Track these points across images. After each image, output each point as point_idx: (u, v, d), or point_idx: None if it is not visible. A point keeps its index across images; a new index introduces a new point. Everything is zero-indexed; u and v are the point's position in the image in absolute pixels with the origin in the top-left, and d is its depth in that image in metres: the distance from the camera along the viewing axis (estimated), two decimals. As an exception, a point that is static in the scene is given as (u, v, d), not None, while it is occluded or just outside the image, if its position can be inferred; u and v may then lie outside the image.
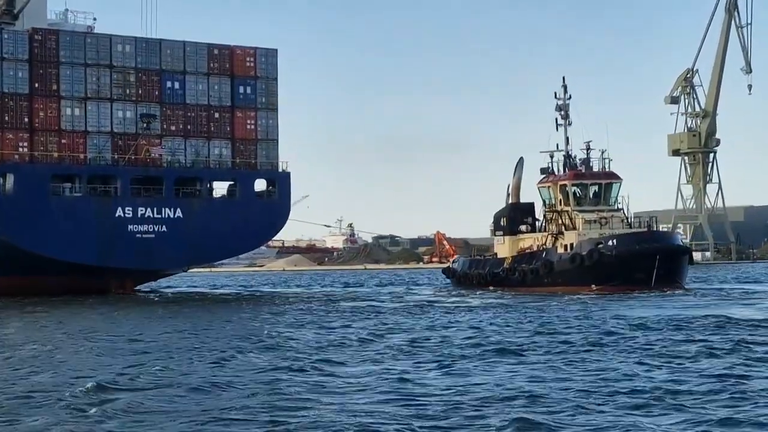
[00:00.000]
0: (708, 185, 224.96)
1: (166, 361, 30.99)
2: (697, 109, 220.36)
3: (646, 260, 73.05)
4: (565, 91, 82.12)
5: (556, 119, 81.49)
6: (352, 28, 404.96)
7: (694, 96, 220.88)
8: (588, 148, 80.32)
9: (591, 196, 79.84)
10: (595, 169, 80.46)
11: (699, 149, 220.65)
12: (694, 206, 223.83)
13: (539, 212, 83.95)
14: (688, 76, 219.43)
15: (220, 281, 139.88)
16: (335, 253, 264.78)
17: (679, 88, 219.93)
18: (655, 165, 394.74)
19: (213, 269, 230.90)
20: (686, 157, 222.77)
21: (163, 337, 39.93)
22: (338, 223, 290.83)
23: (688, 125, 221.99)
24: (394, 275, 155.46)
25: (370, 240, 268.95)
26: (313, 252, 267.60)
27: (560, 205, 79.80)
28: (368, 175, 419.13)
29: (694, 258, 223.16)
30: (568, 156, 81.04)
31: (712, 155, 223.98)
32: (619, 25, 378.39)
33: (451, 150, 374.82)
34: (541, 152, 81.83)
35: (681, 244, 79.05)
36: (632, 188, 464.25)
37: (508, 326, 43.32)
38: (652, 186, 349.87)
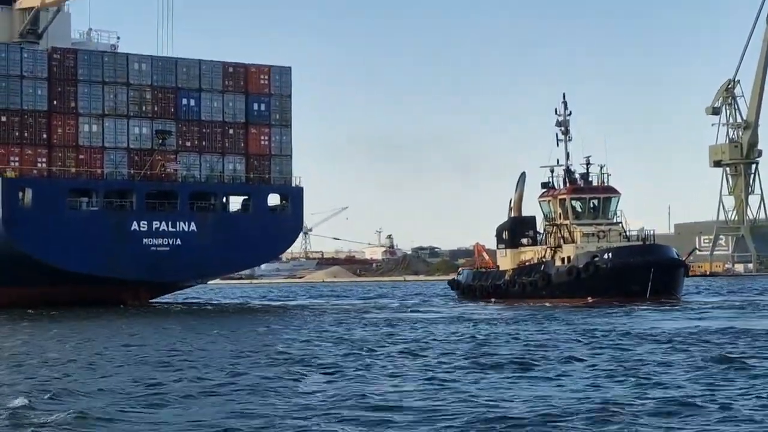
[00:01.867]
0: (750, 196, 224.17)
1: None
2: (739, 119, 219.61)
3: (641, 273, 75.24)
4: (566, 108, 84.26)
5: (557, 135, 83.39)
6: (364, 45, 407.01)
7: (736, 107, 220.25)
8: (588, 163, 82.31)
9: (590, 209, 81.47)
10: (595, 183, 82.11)
11: (741, 160, 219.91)
12: (736, 217, 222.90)
13: (540, 226, 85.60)
14: (730, 86, 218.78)
15: (258, 292, 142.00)
16: (374, 265, 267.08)
17: (721, 98, 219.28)
18: (697, 176, 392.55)
19: (253, 281, 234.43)
20: (728, 168, 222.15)
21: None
22: (378, 235, 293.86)
23: (730, 136, 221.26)
24: (425, 287, 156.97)
25: (409, 251, 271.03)
26: (353, 263, 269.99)
27: (560, 218, 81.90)
28: (404, 187, 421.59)
29: (737, 269, 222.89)
30: (568, 171, 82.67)
31: (754, 166, 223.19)
32: (653, 41, 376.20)
33: (464, 165, 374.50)
34: (541, 167, 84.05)
35: (676, 257, 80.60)
36: (673, 200, 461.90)
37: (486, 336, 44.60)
38: (695, 197, 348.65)
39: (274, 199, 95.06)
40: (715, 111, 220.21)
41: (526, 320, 58.19)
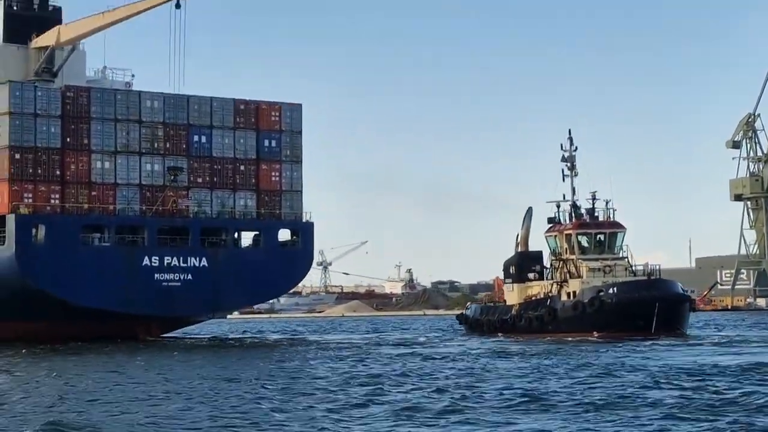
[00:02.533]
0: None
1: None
2: (760, 153, 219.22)
3: (646, 307, 75.90)
4: (571, 143, 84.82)
5: (563, 170, 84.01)
6: (373, 84, 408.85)
7: (756, 140, 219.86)
8: (593, 199, 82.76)
9: (596, 244, 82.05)
10: (601, 218, 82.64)
11: (761, 194, 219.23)
12: (758, 251, 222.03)
13: (547, 261, 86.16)
14: (750, 120, 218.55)
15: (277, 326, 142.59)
16: (394, 299, 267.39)
17: (741, 132, 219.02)
18: (718, 210, 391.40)
19: (272, 315, 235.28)
20: (749, 202, 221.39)
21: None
22: (397, 269, 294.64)
23: (751, 170, 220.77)
24: (443, 320, 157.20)
25: (428, 286, 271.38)
26: (372, 298, 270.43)
27: (566, 253, 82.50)
28: (421, 222, 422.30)
29: (759, 303, 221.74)
30: (574, 206, 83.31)
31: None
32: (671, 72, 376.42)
33: (477, 199, 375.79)
34: (547, 202, 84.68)
35: (681, 291, 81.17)
36: (694, 234, 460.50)
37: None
38: (716, 231, 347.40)
39: (284, 235, 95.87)
40: (735, 145, 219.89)
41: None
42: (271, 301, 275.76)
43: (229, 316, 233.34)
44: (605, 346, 65.50)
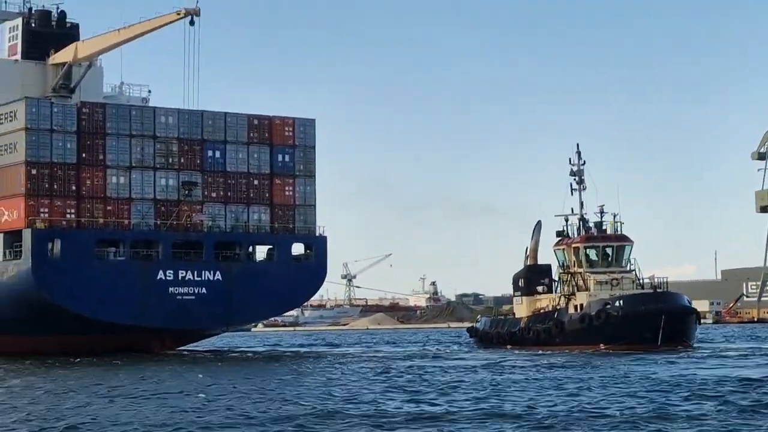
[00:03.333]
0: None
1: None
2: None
3: (652, 320, 76.74)
4: (579, 157, 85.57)
5: (571, 184, 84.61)
6: (385, 98, 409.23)
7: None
8: (601, 212, 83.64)
9: (603, 258, 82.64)
10: (609, 232, 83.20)
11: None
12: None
13: (555, 274, 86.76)
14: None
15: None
16: (418, 312, 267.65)
17: (766, 143, 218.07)
18: (744, 222, 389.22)
19: (297, 328, 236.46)
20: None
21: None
22: (421, 282, 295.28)
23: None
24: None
25: (453, 298, 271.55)
26: (397, 310, 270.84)
27: (574, 266, 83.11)
28: (445, 235, 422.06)
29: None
30: (582, 219, 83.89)
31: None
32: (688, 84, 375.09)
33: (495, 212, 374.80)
34: (555, 216, 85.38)
35: (687, 304, 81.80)
36: (720, 246, 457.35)
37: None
38: (742, 243, 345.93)
39: (298, 249, 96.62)
40: (761, 156, 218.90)
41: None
42: (295, 314, 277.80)
43: (253, 329, 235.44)
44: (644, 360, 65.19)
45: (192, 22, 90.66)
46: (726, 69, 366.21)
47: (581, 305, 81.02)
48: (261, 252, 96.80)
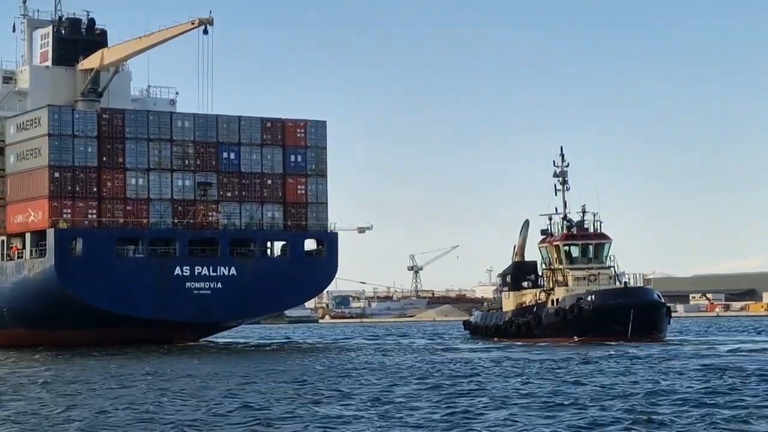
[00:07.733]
0: None
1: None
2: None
3: (621, 313, 79.83)
4: (563, 159, 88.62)
5: (555, 185, 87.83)
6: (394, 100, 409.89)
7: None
8: (583, 212, 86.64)
9: (583, 254, 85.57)
10: (590, 230, 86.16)
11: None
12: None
13: (540, 270, 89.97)
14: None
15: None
16: (485, 303, 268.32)
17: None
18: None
19: (364, 320, 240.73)
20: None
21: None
22: (488, 273, 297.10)
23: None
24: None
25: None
26: (463, 302, 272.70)
27: (556, 263, 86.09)
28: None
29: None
30: (565, 218, 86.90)
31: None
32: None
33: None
34: (540, 215, 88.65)
35: (656, 298, 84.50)
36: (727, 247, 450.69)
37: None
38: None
39: (310, 245, 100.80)
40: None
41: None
42: (362, 306, 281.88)
43: (321, 321, 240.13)
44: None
45: (206, 31, 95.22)
46: (725, 69, 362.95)
47: (557, 300, 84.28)
48: (274, 248, 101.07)
